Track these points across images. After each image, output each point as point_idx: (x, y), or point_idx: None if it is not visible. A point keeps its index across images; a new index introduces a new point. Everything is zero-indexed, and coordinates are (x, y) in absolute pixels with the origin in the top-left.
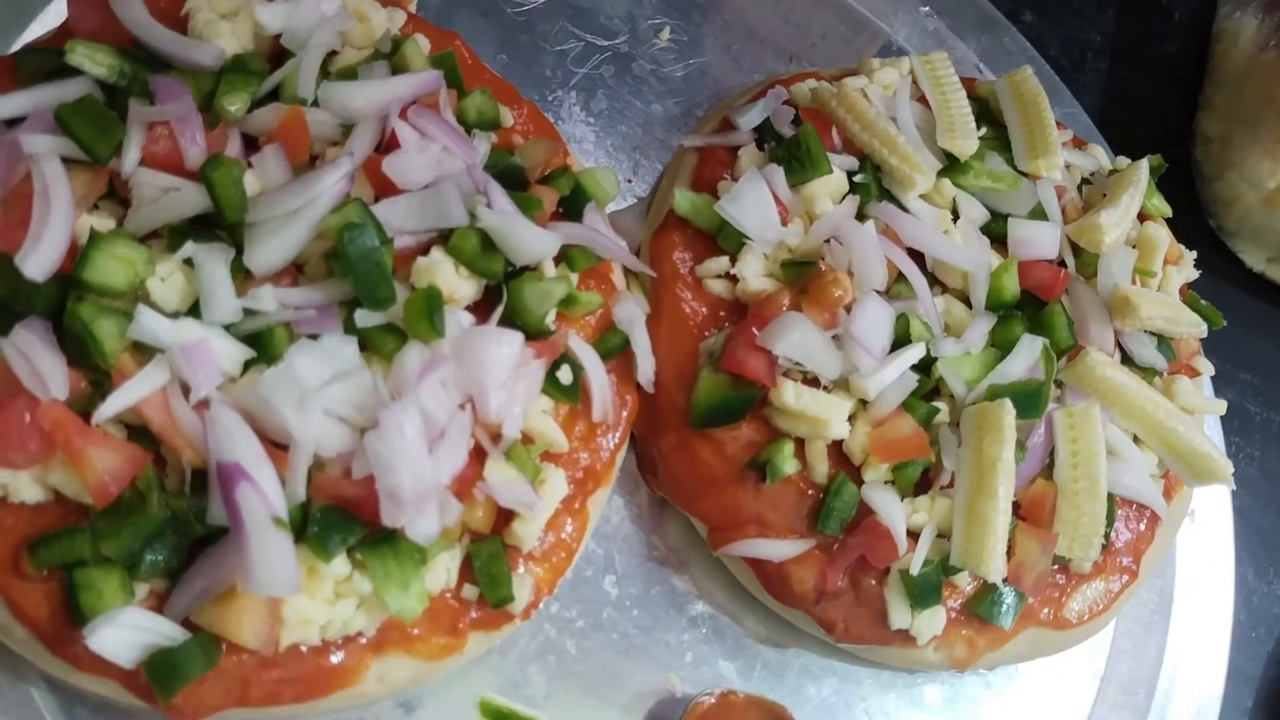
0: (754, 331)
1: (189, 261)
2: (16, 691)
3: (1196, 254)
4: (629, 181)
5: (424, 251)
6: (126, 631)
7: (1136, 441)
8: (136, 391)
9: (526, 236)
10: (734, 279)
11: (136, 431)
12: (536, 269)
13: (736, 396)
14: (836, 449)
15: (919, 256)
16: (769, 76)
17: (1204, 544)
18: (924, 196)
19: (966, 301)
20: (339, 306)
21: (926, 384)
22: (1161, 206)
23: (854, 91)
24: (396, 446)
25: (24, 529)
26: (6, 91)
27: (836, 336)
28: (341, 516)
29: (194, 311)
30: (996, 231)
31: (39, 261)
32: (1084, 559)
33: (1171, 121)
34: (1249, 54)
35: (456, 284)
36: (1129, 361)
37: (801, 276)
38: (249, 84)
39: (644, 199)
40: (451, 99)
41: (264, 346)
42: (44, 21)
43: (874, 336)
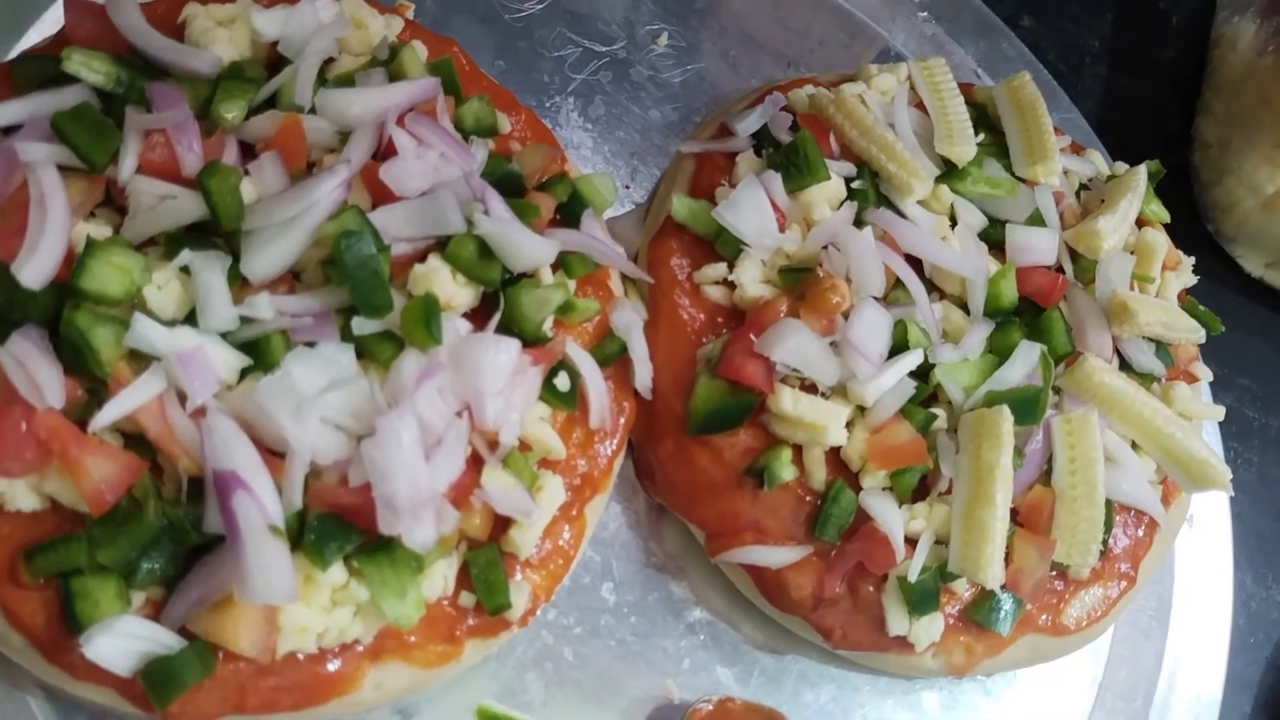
0: (752, 338)
1: (185, 269)
2: (13, 700)
3: (1195, 259)
4: (627, 188)
5: (421, 259)
6: (123, 640)
7: (1135, 448)
8: (133, 400)
9: (524, 243)
10: (732, 285)
11: (133, 440)
12: (534, 276)
13: (734, 403)
14: (834, 455)
15: (917, 263)
16: (767, 82)
17: (1202, 550)
18: (922, 203)
19: (964, 308)
20: (336, 314)
21: (924, 390)
22: (1160, 212)
23: (852, 98)
24: (393, 454)
25: (20, 537)
26: (3, 99)
27: (834, 343)
28: (338, 524)
29: (190, 319)
30: (994, 238)
31: (35, 270)
32: (1082, 565)
33: (1170, 126)
34: (1247, 59)
35: (454, 291)
36: (1127, 367)
37: (799, 283)
38: (246, 91)
39: (642, 205)
40: (449, 106)
41: (261, 354)
42: (40, 29)
43: (872, 343)
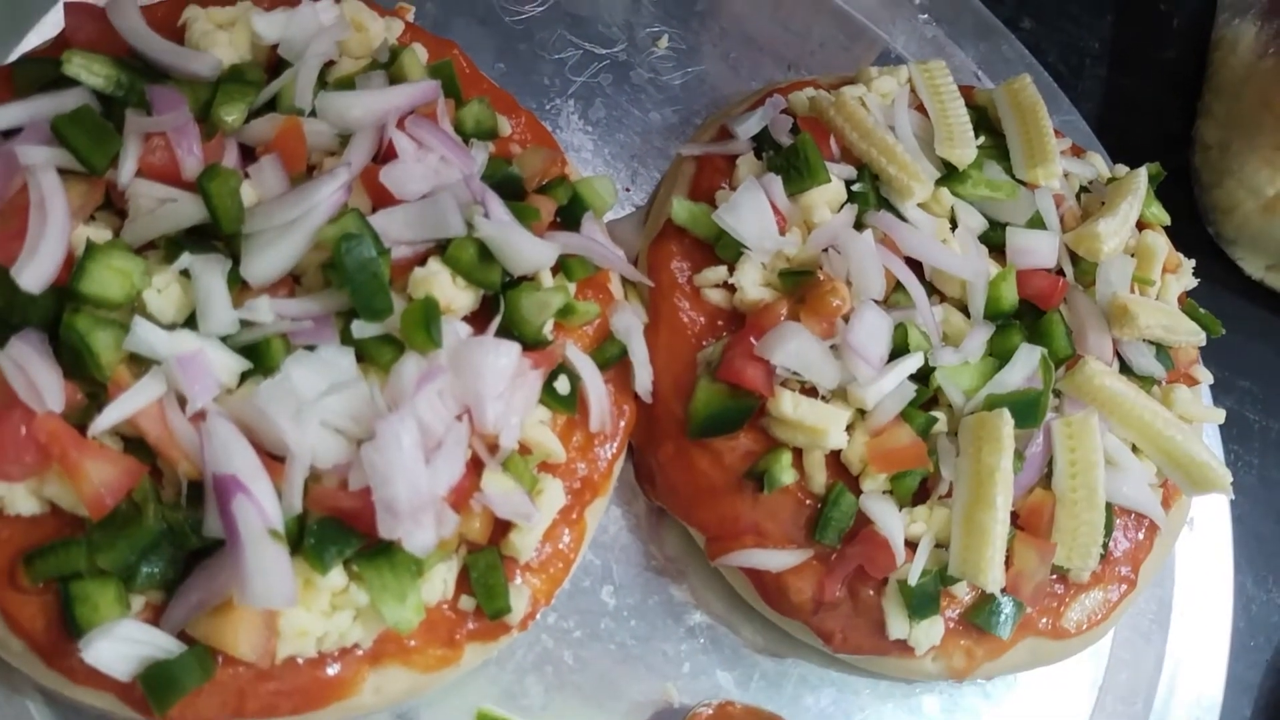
0: (752, 341)
1: (185, 273)
2: (12, 704)
3: (1195, 262)
4: (627, 190)
5: (421, 262)
6: (122, 644)
7: (1135, 451)
8: (133, 403)
9: (524, 246)
10: (732, 288)
11: (133, 443)
12: (534, 279)
13: (734, 406)
14: (834, 459)
15: (917, 266)
16: (767, 85)
17: (1203, 553)
18: (922, 205)
19: (965, 311)
20: (336, 317)
21: (925, 394)
22: (1160, 215)
23: (852, 100)
24: (393, 458)
25: (20, 541)
26: (3, 102)
27: (834, 346)
28: (338, 528)
29: (190, 323)
30: (995, 240)
31: (35, 273)
32: (1082, 568)
33: (1170, 128)
34: (1248, 61)
35: (454, 294)
36: (1127, 370)
37: (799, 286)
38: (246, 94)
39: (642, 208)
40: (449, 108)
41: (260, 358)
42: (41, 31)
43: (872, 346)
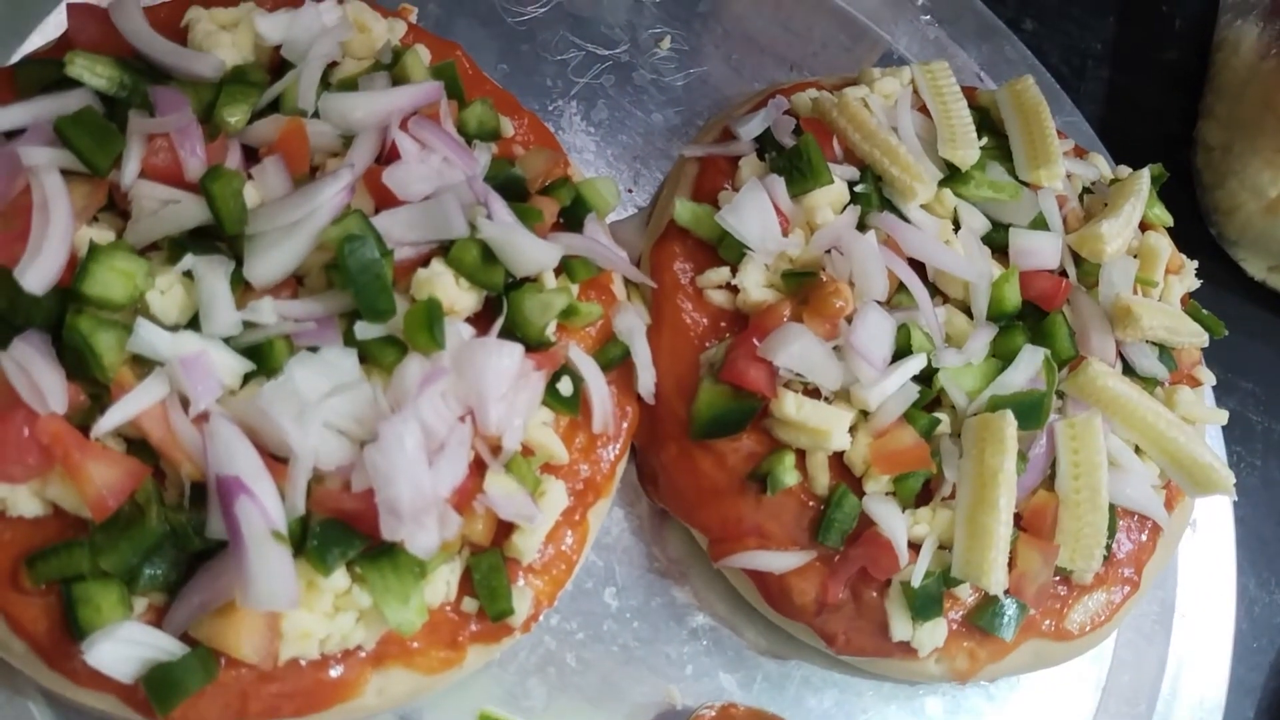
0: (755, 342)
1: (188, 274)
2: (14, 706)
3: (1198, 263)
4: (629, 191)
5: (424, 263)
6: (125, 646)
7: (1138, 452)
8: (135, 405)
9: (527, 248)
10: (735, 290)
11: (135, 445)
12: (537, 280)
13: (737, 408)
14: (838, 460)
15: (920, 267)
16: (770, 86)
17: (1206, 554)
18: (925, 206)
19: (968, 312)
20: (339, 319)
21: (928, 395)
22: (1163, 216)
23: (855, 101)
24: (396, 459)
25: (22, 543)
26: (6, 103)
27: (837, 347)
28: (341, 530)
29: (193, 324)
30: (998, 241)
31: (38, 274)
32: (1086, 570)
33: (1172, 129)
34: (1250, 62)
35: (457, 295)
36: (1130, 372)
37: (802, 287)
38: (249, 95)
39: (645, 209)
40: (452, 109)
41: (264, 359)
42: (44, 33)
43: (875, 347)
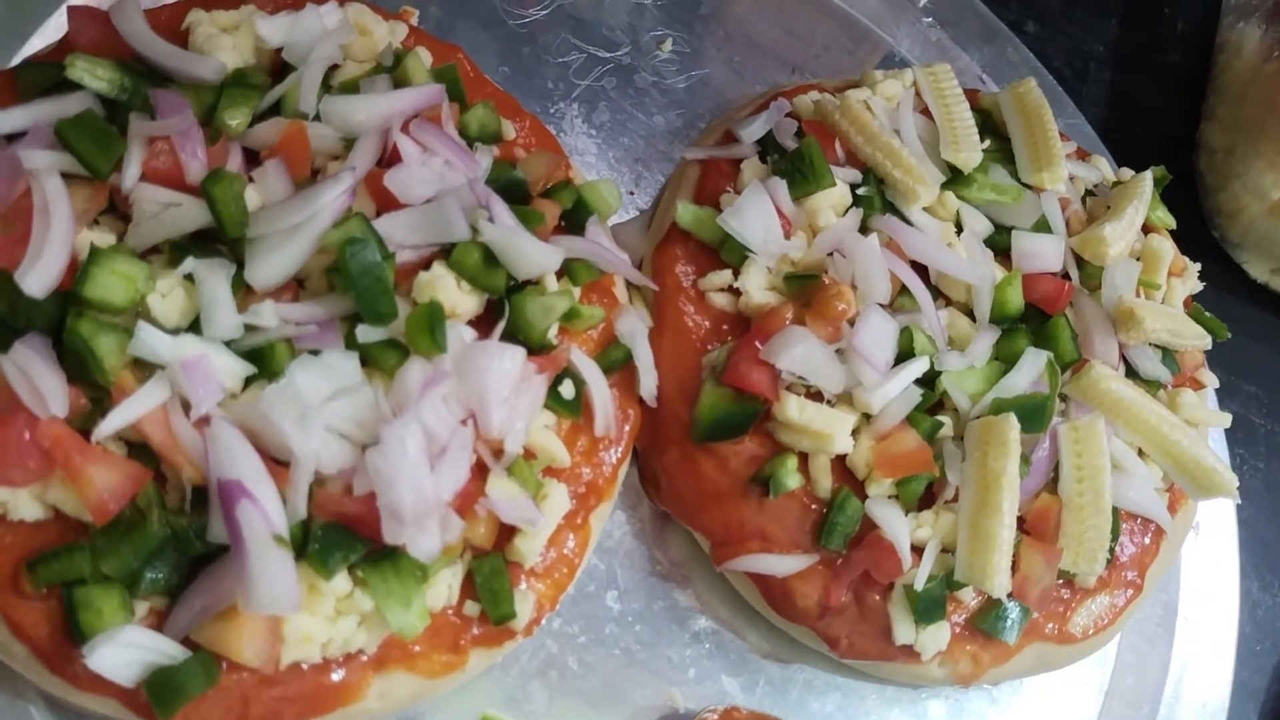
0: (757, 345)
1: (190, 277)
2: (15, 710)
3: (1200, 265)
4: (631, 194)
5: (426, 266)
6: (126, 650)
7: (1141, 455)
8: (137, 408)
9: (528, 250)
10: (737, 292)
11: (136, 448)
12: (538, 283)
13: (739, 411)
14: (840, 463)
15: (922, 269)
16: (771, 88)
17: (1209, 557)
18: (927, 209)
19: (970, 315)
20: (340, 322)
21: (930, 398)
22: (1166, 218)
23: (857, 103)
24: (398, 463)
25: (23, 547)
26: (6, 106)
27: (840, 350)
28: (343, 534)
29: (195, 327)
30: (1000, 244)
31: (39, 278)
32: (1089, 573)
33: (1174, 131)
34: (1252, 64)
35: (458, 299)
36: (1133, 374)
37: (805, 290)
38: (250, 98)
39: (646, 212)
40: (454, 112)
41: (265, 362)
42: (44, 35)
43: (877, 350)
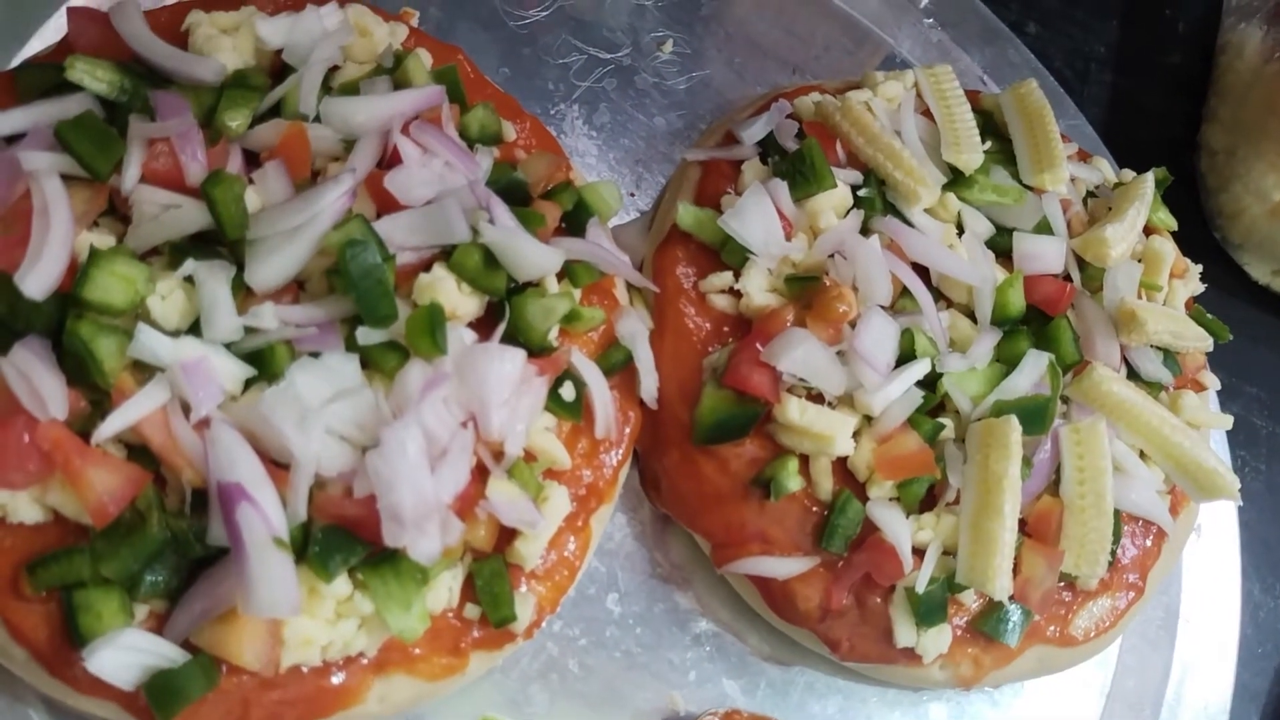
0: (758, 347)
1: (189, 279)
2: (15, 713)
3: (1202, 267)
4: (632, 195)
5: (426, 268)
6: (126, 653)
7: (1143, 457)
8: (136, 411)
9: (529, 252)
10: (738, 294)
11: (136, 451)
12: (539, 285)
13: (740, 413)
14: (841, 465)
15: (924, 271)
16: (772, 89)
17: (1210, 559)
18: (929, 211)
19: (972, 316)
20: (340, 324)
21: (932, 400)
22: (1167, 220)
23: (858, 105)
24: (398, 465)
25: (23, 550)
26: (6, 108)
27: (841, 352)
28: (343, 536)
29: (194, 329)
30: (1002, 246)
31: (38, 280)
32: (1090, 576)
33: (1176, 133)
34: (1254, 66)
35: (459, 300)
36: (1135, 376)
37: (806, 292)
38: (250, 100)
39: (647, 213)
40: (454, 114)
41: (265, 365)
42: (44, 37)
43: (879, 352)
